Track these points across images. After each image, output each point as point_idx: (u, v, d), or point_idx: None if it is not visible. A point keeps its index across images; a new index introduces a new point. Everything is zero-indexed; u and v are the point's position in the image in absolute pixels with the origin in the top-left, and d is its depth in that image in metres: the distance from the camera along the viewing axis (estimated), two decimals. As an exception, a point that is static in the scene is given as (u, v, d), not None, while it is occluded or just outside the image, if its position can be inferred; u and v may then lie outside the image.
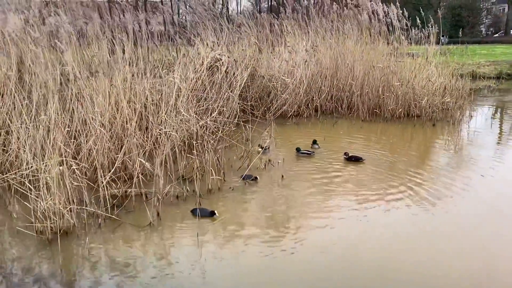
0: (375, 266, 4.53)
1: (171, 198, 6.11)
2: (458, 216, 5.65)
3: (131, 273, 4.43)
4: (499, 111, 13.36)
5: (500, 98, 15.28)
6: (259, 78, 11.58)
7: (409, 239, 5.06)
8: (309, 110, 11.63)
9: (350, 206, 5.90)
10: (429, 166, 7.71)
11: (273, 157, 7.87)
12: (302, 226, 5.36)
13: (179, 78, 8.25)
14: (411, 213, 5.68)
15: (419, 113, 11.19)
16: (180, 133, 7.35)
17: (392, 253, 4.78)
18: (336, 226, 5.35)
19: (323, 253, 4.77)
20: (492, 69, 19.97)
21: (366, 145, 8.96)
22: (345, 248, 4.87)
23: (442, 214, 5.67)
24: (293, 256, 4.70)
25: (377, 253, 4.77)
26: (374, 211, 5.76)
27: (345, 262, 4.60)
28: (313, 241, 5.01)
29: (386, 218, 5.56)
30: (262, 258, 4.66)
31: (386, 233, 5.17)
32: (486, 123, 11.26)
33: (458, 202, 6.03)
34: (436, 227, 5.34)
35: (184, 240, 5.11)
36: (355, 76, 11.77)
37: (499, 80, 18.35)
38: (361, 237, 5.09)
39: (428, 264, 4.53)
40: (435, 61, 11.99)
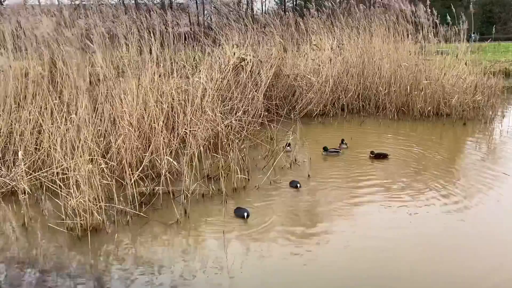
0: (401, 267, 4.45)
1: (197, 196, 6.17)
2: (489, 219, 5.48)
3: (158, 270, 4.50)
4: (533, 109, 12.91)
5: (535, 96, 14.77)
6: (284, 77, 11.57)
7: (437, 242, 4.94)
8: (335, 109, 11.54)
9: (377, 206, 5.82)
10: (460, 166, 7.52)
11: (299, 157, 7.84)
12: (328, 226, 5.33)
13: (204, 78, 8.34)
14: (440, 215, 5.55)
15: (449, 112, 10.93)
16: (205, 133, 7.41)
17: (418, 255, 4.68)
18: (362, 227, 5.28)
19: (349, 253, 4.72)
20: (526, 66, 19.29)
21: (394, 144, 8.82)
22: (371, 248, 4.80)
23: (473, 217, 5.52)
24: (319, 256, 4.67)
25: (402, 254, 4.68)
26: (401, 212, 5.65)
27: (371, 263, 4.53)
28: (338, 241, 4.96)
29: (414, 219, 5.44)
30: (287, 257, 4.65)
31: (413, 235, 5.07)
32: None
33: (490, 205, 5.85)
34: (467, 230, 5.21)
35: (210, 237, 5.15)
36: (382, 74, 11.60)
37: (533, 77, 17.72)
38: (387, 239, 5.01)
39: (456, 267, 4.43)
40: (466, 59, 11.68)
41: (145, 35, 8.50)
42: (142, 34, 8.66)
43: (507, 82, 13.73)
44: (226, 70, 9.70)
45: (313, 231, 5.19)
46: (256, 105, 9.46)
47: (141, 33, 8.67)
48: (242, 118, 8.58)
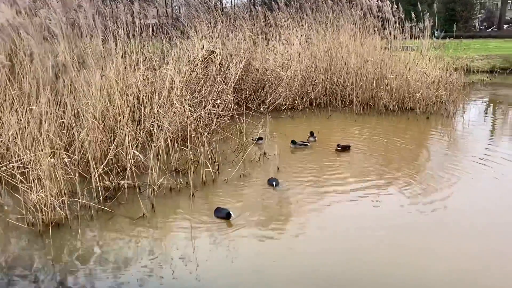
0: (372, 259, 4.50)
1: (165, 191, 6.05)
2: (451, 206, 5.64)
3: (123, 265, 4.38)
4: (492, 104, 13.38)
5: (493, 91, 15.31)
6: (253, 71, 11.50)
7: (402, 232, 5.03)
8: (304, 103, 11.58)
9: (345, 198, 5.88)
10: (424, 158, 7.70)
11: (268, 150, 7.82)
12: (297, 219, 5.32)
13: (173, 70, 8.17)
14: (404, 205, 5.66)
15: (413, 106, 11.17)
16: (173, 125, 7.27)
17: (386, 244, 4.75)
18: (331, 220, 5.32)
19: (318, 246, 4.73)
20: (486, 63, 19.98)
21: (360, 137, 8.93)
22: (340, 241, 4.83)
23: (436, 205, 5.64)
24: (289, 249, 4.65)
25: (371, 246, 4.74)
26: (368, 202, 5.73)
27: (340, 255, 4.56)
28: (308, 234, 4.96)
29: (380, 209, 5.53)
30: (256, 251, 4.62)
31: (379, 224, 5.14)
32: (480, 116, 11.28)
33: (451, 193, 6.02)
34: (430, 218, 5.33)
35: (177, 232, 5.05)
36: (349, 69, 11.71)
37: (492, 74, 18.37)
38: (355, 230, 5.06)
39: (422, 257, 4.51)
40: (430, 55, 11.96)
41: (111, 26, 8.24)
42: (107, 24, 8.38)
43: (468, 78, 14.14)
44: (194, 63, 9.56)
45: (282, 225, 5.18)
46: (225, 99, 9.37)
47: (106, 23, 8.39)
48: (211, 111, 8.48)
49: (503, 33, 40.11)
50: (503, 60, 20.15)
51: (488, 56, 20.87)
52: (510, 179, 6.51)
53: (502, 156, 7.51)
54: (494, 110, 12.58)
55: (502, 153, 7.67)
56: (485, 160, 7.34)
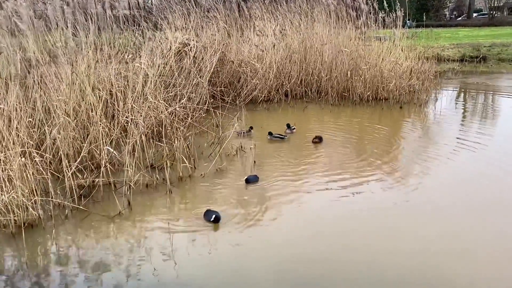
0: (351, 246, 4.57)
1: (141, 187, 5.97)
2: (425, 191, 5.80)
3: (100, 266, 4.31)
4: (462, 92, 13.72)
5: (463, 80, 15.68)
6: (228, 63, 11.43)
7: (381, 215, 5.15)
8: (279, 95, 11.60)
9: (322, 190, 5.93)
10: (398, 147, 7.84)
11: (245, 143, 7.81)
12: (275, 213, 5.33)
13: (146, 63, 8.04)
14: (382, 191, 5.79)
15: (387, 96, 11.35)
16: (148, 120, 7.17)
17: (367, 230, 4.83)
18: (311, 210, 5.36)
19: (298, 239, 4.77)
20: (456, 52, 20.45)
21: (336, 128, 9.02)
22: (319, 233, 4.88)
23: (411, 191, 5.80)
24: (267, 244, 4.66)
25: (351, 231, 4.82)
26: (346, 191, 5.83)
27: (320, 247, 4.62)
28: (286, 228, 4.98)
29: (357, 199, 5.62)
30: (235, 247, 4.62)
31: (359, 211, 5.24)
32: (451, 104, 11.55)
33: (425, 178, 6.21)
34: (405, 203, 5.46)
35: (155, 229, 5.00)
36: (324, 60, 11.78)
37: (462, 62, 18.82)
38: (334, 220, 5.14)
39: (404, 239, 4.62)
40: (402, 45, 12.14)
41: (81, 18, 8.02)
42: (77, 17, 8.16)
43: (439, 67, 14.43)
44: (168, 56, 9.43)
45: (260, 219, 5.17)
46: (200, 92, 9.29)
47: (76, 16, 8.17)
48: (186, 105, 8.40)
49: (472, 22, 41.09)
50: (472, 48, 20.65)
51: (458, 45, 21.37)
52: (479, 162, 6.73)
53: (471, 141, 7.74)
54: (465, 98, 12.90)
55: (471, 139, 7.89)
56: (457, 145, 7.58)
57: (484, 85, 14.33)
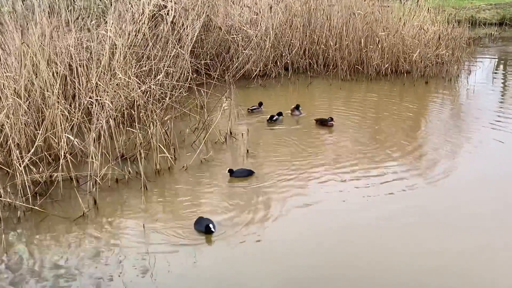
0: (356, 249, 4.64)
1: (109, 182, 6.00)
2: (450, 188, 5.89)
3: (62, 277, 4.35)
4: (501, 63, 13.77)
5: (503, 48, 15.73)
6: (215, 30, 11.38)
7: (396, 217, 5.22)
8: (278, 69, 11.59)
9: (331, 187, 5.98)
10: (421, 132, 7.90)
11: (235, 129, 7.83)
12: (274, 216, 5.37)
13: (113, 31, 8.00)
14: (400, 187, 5.85)
15: (409, 69, 11.38)
16: (117, 102, 7.16)
17: (380, 230, 4.91)
18: (315, 216, 5.40)
19: (294, 239, 4.84)
20: (494, 13, 20.43)
21: (347, 109, 9.06)
22: (320, 233, 4.96)
23: (436, 187, 5.89)
24: (265, 255, 4.70)
25: (358, 233, 4.90)
26: (358, 192, 5.88)
27: (323, 249, 4.69)
28: (287, 237, 5.00)
29: (371, 200, 5.67)
30: (225, 257, 4.65)
31: (368, 211, 5.32)
32: (487, 78, 11.59)
33: (451, 174, 6.25)
34: (429, 201, 5.55)
35: (127, 233, 5.04)
36: (332, 25, 11.74)
37: (501, 26, 18.82)
38: (339, 218, 5.22)
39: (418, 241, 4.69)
40: (428, 5, 12.12)
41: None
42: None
43: (473, 33, 14.47)
44: (141, 21, 9.37)
45: (251, 218, 5.23)
46: (181, 65, 9.27)
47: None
48: (164, 82, 8.39)
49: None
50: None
51: (497, 5, 21.30)
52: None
53: (508, 128, 7.79)
54: (505, 71, 12.94)
55: (509, 125, 7.94)
56: (493, 130, 7.66)
57: (528, 55, 14.40)
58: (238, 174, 6.21)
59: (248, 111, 8.85)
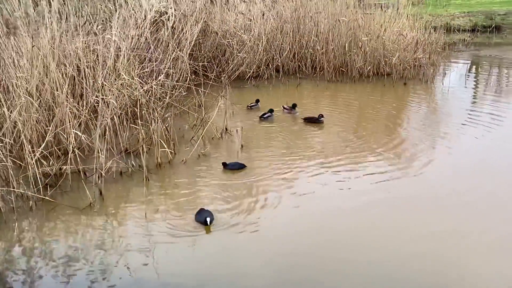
0: (345, 235, 4.67)
1: (114, 175, 6.00)
2: (429, 180, 5.90)
3: (70, 264, 4.34)
4: (474, 67, 13.82)
5: (475, 52, 15.78)
6: (211, 34, 11.36)
7: (381, 205, 5.25)
8: (270, 71, 11.58)
9: (317, 178, 6.01)
10: (401, 128, 7.93)
11: (231, 125, 7.83)
12: (264, 203, 5.40)
13: (117, 35, 7.95)
14: (382, 179, 5.89)
15: (390, 71, 11.41)
16: (121, 100, 7.14)
17: (364, 220, 4.93)
18: (305, 203, 5.43)
19: (289, 229, 4.86)
20: (467, 21, 20.49)
21: (333, 107, 9.08)
22: (312, 221, 4.97)
23: (415, 179, 5.92)
24: (260, 239, 4.71)
25: (346, 220, 4.92)
26: (343, 177, 5.94)
27: (314, 233, 4.71)
28: (281, 222, 5.03)
29: (357, 188, 5.71)
30: (222, 243, 4.65)
31: (356, 200, 5.34)
32: (461, 80, 11.64)
33: (430, 169, 6.26)
34: (409, 192, 5.57)
35: (131, 222, 5.05)
36: (319, 31, 11.75)
37: (474, 33, 18.88)
38: (329, 207, 5.23)
39: (399, 230, 4.72)
40: (407, 13, 12.15)
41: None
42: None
43: (448, 38, 14.50)
44: (143, 26, 9.32)
45: (250, 212, 5.22)
46: (180, 67, 9.23)
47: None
48: (164, 82, 8.35)
49: (486, -13, 40.96)
50: (485, 17, 20.69)
51: (470, 13, 21.38)
52: (492, 146, 6.89)
53: (483, 123, 7.87)
54: (477, 73, 12.99)
55: (483, 120, 8.01)
56: (466, 127, 7.72)
57: (498, 59, 14.45)
58: (231, 167, 6.23)
59: (248, 108, 9.01)
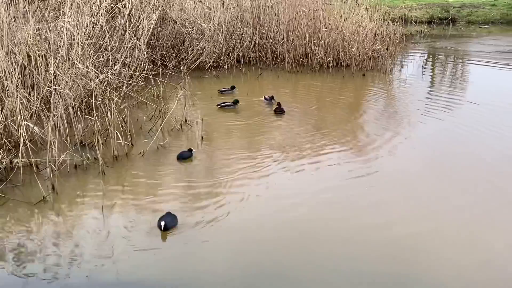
0: (307, 224, 4.71)
1: (68, 168, 5.82)
2: (388, 167, 6.04)
3: (21, 262, 4.18)
4: (430, 58, 14.21)
5: (431, 44, 16.22)
6: (170, 22, 11.15)
7: (343, 195, 5.32)
8: (230, 61, 11.52)
9: (278, 167, 6.03)
10: (360, 119, 8.06)
11: (191, 116, 7.74)
12: (226, 194, 5.38)
13: (71, 23, 7.69)
14: (343, 167, 5.98)
15: (349, 62, 11.57)
16: (75, 91, 6.92)
17: (324, 210, 4.98)
18: (269, 192, 5.44)
19: (253, 222, 4.85)
20: (424, 13, 21.06)
21: (294, 98, 9.13)
22: (275, 214, 4.98)
23: (374, 166, 6.05)
24: (216, 229, 4.69)
25: (306, 211, 4.96)
26: (303, 166, 6.00)
27: (278, 222, 4.72)
28: (245, 213, 5.01)
29: (316, 174, 5.80)
30: (184, 237, 4.58)
31: (319, 191, 5.39)
32: (418, 71, 11.95)
33: (389, 155, 6.43)
34: (369, 181, 5.68)
35: (87, 216, 4.91)
36: (280, 21, 11.76)
37: (430, 24, 19.40)
38: (291, 197, 5.26)
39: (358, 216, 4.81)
40: (366, 4, 12.32)
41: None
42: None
43: (406, 30, 14.82)
44: (98, 13, 9.04)
45: (208, 202, 5.19)
46: (138, 56, 9.04)
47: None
48: (121, 72, 8.15)
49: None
50: (441, 9, 21.30)
51: (427, 5, 21.94)
52: (446, 134, 7.16)
53: (438, 112, 8.13)
54: (433, 64, 13.37)
55: (438, 109, 8.27)
56: (423, 116, 7.98)
57: (453, 50, 14.92)
58: (184, 156, 6.22)
59: (219, 92, 9.18)
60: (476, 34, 18.55)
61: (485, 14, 21.04)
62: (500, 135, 7.10)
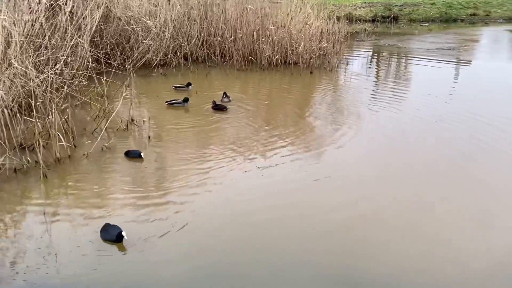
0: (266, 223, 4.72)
1: (7, 172, 5.56)
2: (338, 159, 6.19)
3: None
4: (375, 55, 14.60)
5: (376, 42, 16.66)
6: (114, 20, 10.87)
7: (296, 190, 5.39)
8: (178, 59, 11.38)
9: (227, 165, 6.01)
10: (309, 115, 8.17)
11: (137, 116, 7.59)
12: (176, 193, 5.31)
13: (8, 20, 7.35)
14: (296, 165, 6.04)
15: (297, 60, 11.70)
16: (14, 91, 6.61)
17: (278, 208, 5.01)
18: (215, 189, 5.42)
19: (204, 220, 4.80)
20: (368, 11, 21.60)
21: (243, 96, 9.12)
22: (228, 211, 4.96)
23: (324, 159, 6.18)
24: (173, 231, 4.61)
25: (260, 209, 4.97)
26: (255, 164, 6.01)
27: (231, 220, 4.71)
28: (194, 214, 4.96)
29: (268, 171, 5.82)
30: (129, 237, 4.48)
31: (269, 187, 5.42)
32: (363, 68, 12.25)
33: (338, 148, 6.59)
34: (318, 172, 5.77)
35: (27, 223, 4.70)
36: (227, 18, 11.72)
37: (374, 23, 19.93)
38: (243, 194, 5.27)
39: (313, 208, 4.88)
40: (312, 2, 12.49)
41: None
42: None
43: (351, 28, 15.15)
44: (38, 11, 8.68)
45: (157, 203, 5.10)
46: (81, 55, 8.75)
47: None
48: (63, 71, 7.87)
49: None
50: (384, 8, 21.93)
51: (371, 3, 22.52)
52: (391, 127, 7.42)
53: (384, 106, 8.39)
54: (378, 62, 13.74)
55: (384, 104, 8.54)
56: (368, 110, 8.24)
57: (396, 48, 15.39)
58: (133, 154, 6.14)
59: (174, 88, 9.28)
60: (417, 31, 19.23)
61: (425, 13, 21.86)
62: (439, 121, 7.69)
